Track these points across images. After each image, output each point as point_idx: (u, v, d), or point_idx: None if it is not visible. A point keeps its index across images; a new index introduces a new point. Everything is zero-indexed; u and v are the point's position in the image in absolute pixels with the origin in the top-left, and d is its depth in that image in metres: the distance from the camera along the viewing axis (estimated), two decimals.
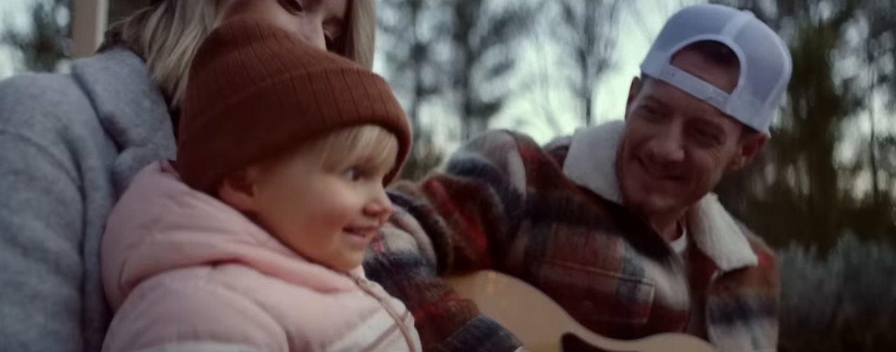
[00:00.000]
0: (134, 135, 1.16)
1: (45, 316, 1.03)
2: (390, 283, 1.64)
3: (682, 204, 1.94)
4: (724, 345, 1.95)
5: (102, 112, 1.15)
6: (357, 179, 1.07)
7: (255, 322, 0.94)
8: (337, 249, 1.07)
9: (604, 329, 1.84)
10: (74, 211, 1.08)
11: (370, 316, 1.08)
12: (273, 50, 1.06)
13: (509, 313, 1.80)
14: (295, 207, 1.04)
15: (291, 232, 1.05)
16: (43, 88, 1.11)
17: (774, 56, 1.83)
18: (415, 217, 1.78)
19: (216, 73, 1.06)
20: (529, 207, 1.87)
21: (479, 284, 1.85)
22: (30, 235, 1.04)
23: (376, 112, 1.05)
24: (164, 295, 0.95)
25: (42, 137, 1.08)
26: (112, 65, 1.22)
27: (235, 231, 1.02)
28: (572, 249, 1.86)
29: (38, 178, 1.06)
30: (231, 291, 0.95)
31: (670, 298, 1.89)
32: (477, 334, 1.62)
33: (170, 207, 1.02)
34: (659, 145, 1.82)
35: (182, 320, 0.92)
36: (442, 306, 1.64)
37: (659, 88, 1.83)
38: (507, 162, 1.89)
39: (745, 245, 2.09)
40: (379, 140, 1.06)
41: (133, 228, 1.03)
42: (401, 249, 1.69)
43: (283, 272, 1.02)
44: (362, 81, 1.06)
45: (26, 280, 1.03)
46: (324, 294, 1.04)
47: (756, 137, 1.91)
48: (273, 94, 1.02)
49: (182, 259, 0.99)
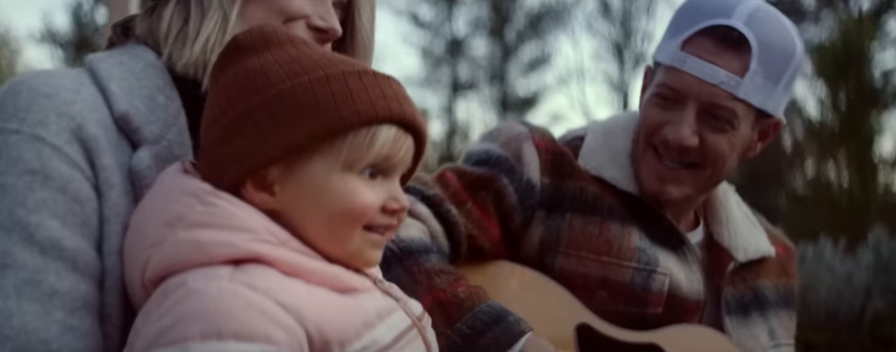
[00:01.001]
0: (147, 133, 1.18)
1: (64, 313, 1.06)
2: (400, 269, 1.66)
3: (698, 192, 1.93)
4: (740, 336, 1.94)
5: (117, 111, 1.17)
6: (375, 177, 1.10)
7: (277, 322, 0.97)
8: (357, 248, 1.11)
9: (619, 319, 1.84)
10: (90, 209, 1.11)
11: (388, 316, 1.10)
12: (291, 54, 1.10)
13: (523, 303, 1.80)
14: (316, 206, 1.08)
15: (313, 230, 1.09)
16: (57, 88, 1.14)
17: (786, 39, 1.82)
18: (427, 206, 1.79)
19: (236, 77, 1.10)
20: (543, 198, 1.88)
21: (492, 273, 1.85)
22: (47, 234, 1.07)
23: (393, 112, 1.08)
24: (188, 294, 0.98)
25: (57, 136, 1.10)
26: (126, 60, 1.24)
27: (257, 230, 1.05)
28: (586, 239, 1.86)
29: (54, 177, 1.09)
30: (253, 291, 0.98)
31: (685, 287, 1.89)
32: (485, 319, 1.64)
33: (193, 205, 1.05)
34: (673, 132, 1.82)
35: (205, 320, 0.95)
36: (451, 292, 1.66)
37: (671, 75, 1.83)
38: (522, 153, 1.90)
39: (763, 236, 2.08)
40: (396, 139, 1.09)
41: (157, 226, 1.06)
42: (411, 237, 1.71)
43: (304, 271, 1.05)
44: (379, 83, 1.09)
45: (44, 278, 1.06)
46: (343, 294, 1.07)
47: (771, 122, 1.90)
48: (292, 95, 1.06)
49: (204, 257, 1.02)
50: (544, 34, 29.47)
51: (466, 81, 29.58)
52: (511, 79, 29.52)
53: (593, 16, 29.15)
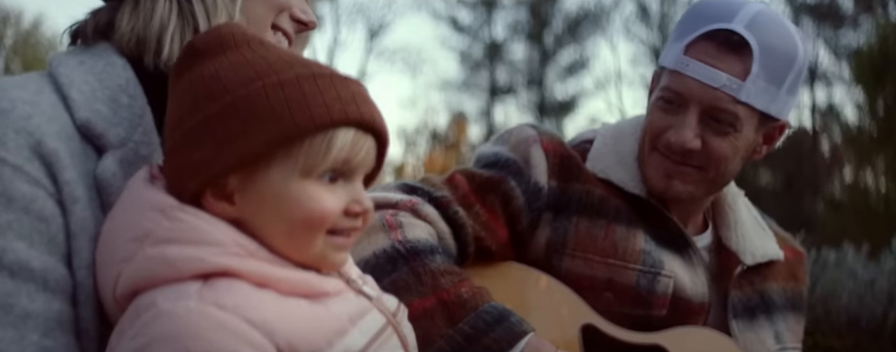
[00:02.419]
0: (112, 137, 1.17)
1: (38, 334, 1.05)
2: (406, 269, 1.69)
3: (703, 193, 1.95)
4: (746, 339, 1.95)
5: (78, 119, 1.15)
6: (336, 181, 1.09)
7: (246, 341, 0.97)
8: (321, 252, 1.09)
9: (624, 321, 1.87)
10: (56, 226, 1.09)
11: (360, 319, 1.10)
12: (246, 58, 1.09)
13: (529, 304, 1.83)
14: (276, 214, 1.07)
15: (274, 238, 1.08)
16: (13, 102, 1.11)
17: (788, 43, 1.84)
18: (434, 208, 1.82)
19: (192, 84, 1.09)
20: (550, 200, 1.91)
21: (499, 274, 1.88)
22: (14, 257, 1.05)
23: (350, 114, 1.07)
24: (158, 315, 0.98)
25: (16, 155, 1.08)
26: (87, 59, 1.22)
27: (224, 243, 1.04)
28: (592, 242, 1.89)
29: (17, 198, 1.07)
30: (222, 310, 0.98)
31: (690, 290, 1.91)
32: (488, 319, 1.66)
33: (160, 221, 1.05)
34: (676, 135, 1.85)
35: (176, 342, 0.96)
36: (454, 292, 1.68)
37: (674, 79, 1.86)
38: (530, 156, 1.92)
39: (771, 240, 2.09)
40: (354, 142, 1.08)
41: (126, 242, 1.05)
42: (418, 238, 1.74)
43: (273, 281, 1.05)
44: (335, 85, 1.08)
45: (16, 301, 1.05)
46: (314, 302, 1.07)
47: (776, 125, 1.92)
48: (247, 103, 1.05)
49: (174, 273, 1.02)
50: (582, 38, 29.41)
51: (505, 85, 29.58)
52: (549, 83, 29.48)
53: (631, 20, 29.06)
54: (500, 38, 29.70)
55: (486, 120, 29.28)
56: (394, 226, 1.74)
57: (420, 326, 1.60)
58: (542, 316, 1.79)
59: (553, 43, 29.39)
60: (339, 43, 27.69)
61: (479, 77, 29.90)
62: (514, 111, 29.65)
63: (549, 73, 29.43)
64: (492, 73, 29.57)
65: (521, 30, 29.48)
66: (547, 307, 1.85)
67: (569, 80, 29.97)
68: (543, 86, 29.16)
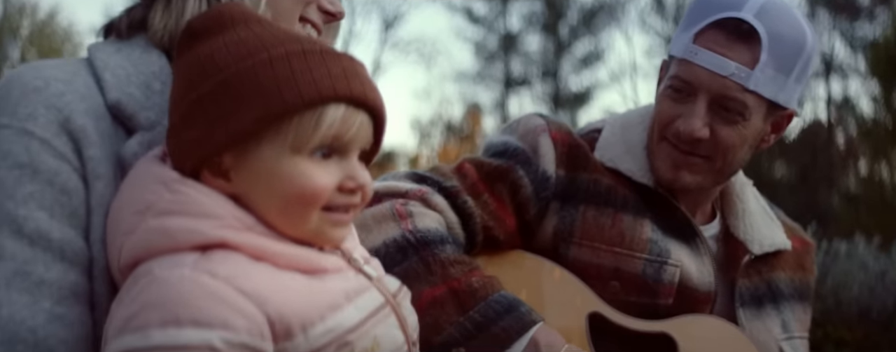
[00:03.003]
0: (142, 119, 1.20)
1: (51, 302, 1.09)
2: (416, 259, 1.70)
3: (711, 183, 1.96)
4: (753, 327, 1.97)
5: (110, 100, 1.19)
6: (329, 157, 1.09)
7: (235, 309, 0.99)
8: (317, 228, 1.10)
9: (631, 309, 1.88)
10: (77, 200, 1.13)
11: (357, 296, 1.11)
12: (240, 36, 1.09)
13: (537, 292, 1.85)
14: (269, 191, 1.08)
15: (269, 214, 1.09)
16: (47, 80, 1.16)
17: (797, 31, 1.84)
18: (444, 197, 1.83)
19: (188, 64, 1.11)
20: (558, 189, 1.92)
21: (507, 263, 1.90)
22: (34, 226, 1.10)
23: (339, 90, 1.07)
24: (151, 282, 1.01)
25: (45, 129, 1.13)
26: (124, 47, 1.27)
27: (223, 216, 1.06)
28: (599, 231, 1.90)
29: (42, 170, 1.11)
30: (213, 278, 1.00)
31: (696, 279, 1.92)
32: (498, 308, 1.68)
33: (162, 193, 1.07)
34: (685, 124, 1.85)
35: (165, 307, 0.98)
36: (465, 281, 1.70)
37: (683, 68, 1.86)
38: (538, 145, 1.94)
39: (779, 230, 2.10)
40: (345, 118, 1.08)
41: (129, 215, 1.08)
42: (428, 227, 1.75)
43: (269, 255, 1.06)
44: (325, 61, 1.09)
45: (33, 269, 1.09)
46: (310, 277, 1.08)
47: (784, 114, 1.93)
48: (237, 81, 1.06)
49: (172, 244, 1.04)
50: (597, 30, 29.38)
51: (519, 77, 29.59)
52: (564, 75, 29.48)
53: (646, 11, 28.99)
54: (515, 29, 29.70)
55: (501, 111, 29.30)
56: (404, 215, 1.75)
57: (430, 314, 1.62)
58: (550, 304, 1.81)
59: (568, 34, 29.37)
60: (353, 34, 27.65)
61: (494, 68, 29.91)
62: (529, 103, 29.65)
63: (564, 65, 29.42)
64: (506, 65, 29.57)
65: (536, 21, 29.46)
66: (554, 296, 1.86)
67: (584, 71, 29.97)
68: (558, 77, 29.15)
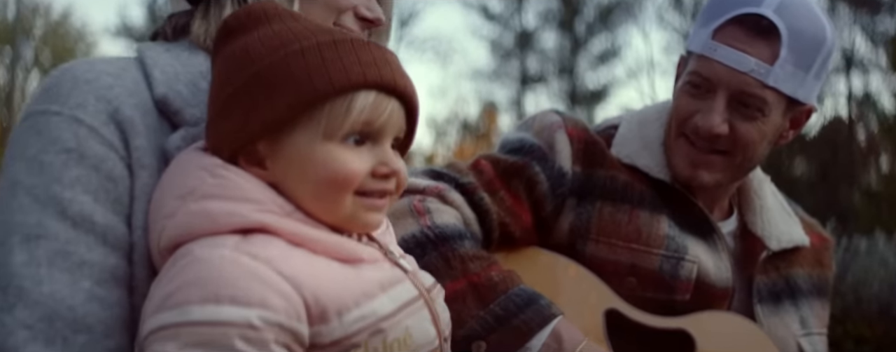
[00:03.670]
0: (188, 115, 1.25)
1: (91, 282, 1.13)
2: (435, 254, 1.71)
3: (729, 179, 1.96)
4: (771, 323, 1.96)
5: (157, 94, 1.24)
6: (362, 143, 1.12)
7: (274, 289, 1.01)
8: (351, 213, 1.13)
9: (648, 305, 1.88)
10: (122, 187, 1.18)
11: (391, 287, 1.13)
12: (274, 30, 1.13)
13: (554, 288, 1.85)
14: (303, 176, 1.11)
15: (304, 200, 1.12)
16: (98, 74, 1.22)
17: (816, 27, 1.84)
18: (461, 194, 1.84)
19: (224, 60, 1.15)
20: (574, 186, 1.92)
21: (524, 259, 1.90)
22: (79, 209, 1.14)
23: (368, 77, 1.10)
24: (192, 262, 1.03)
25: (94, 118, 1.18)
26: (173, 47, 1.33)
27: (263, 201, 1.09)
28: (616, 227, 1.90)
29: (89, 156, 1.16)
30: (253, 259, 1.02)
31: (713, 275, 1.92)
32: (518, 301, 1.68)
33: (205, 178, 1.10)
34: (703, 120, 1.85)
35: (205, 286, 1.00)
36: (484, 276, 1.71)
37: (702, 64, 1.86)
38: (554, 141, 1.94)
39: (797, 226, 2.09)
40: (376, 104, 1.11)
41: (171, 199, 1.11)
42: (446, 223, 1.76)
43: (308, 241, 1.08)
44: (355, 49, 1.12)
45: (75, 249, 1.13)
46: (346, 265, 1.10)
47: (803, 110, 1.92)
48: (270, 71, 1.09)
49: (213, 226, 1.06)
50: (614, 27, 29.36)
51: (535, 74, 29.60)
52: (580, 72, 29.47)
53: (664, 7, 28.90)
54: (531, 26, 29.70)
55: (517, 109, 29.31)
56: (422, 212, 1.76)
57: (451, 308, 1.62)
58: (567, 301, 1.81)
59: (584, 31, 29.34)
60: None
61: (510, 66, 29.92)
62: (545, 100, 29.65)
63: (581, 62, 29.40)
64: (522, 62, 29.58)
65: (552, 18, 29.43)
66: (571, 292, 1.86)
67: (600, 68, 29.94)
68: (574, 75, 29.13)
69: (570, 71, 29.09)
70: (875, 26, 21.18)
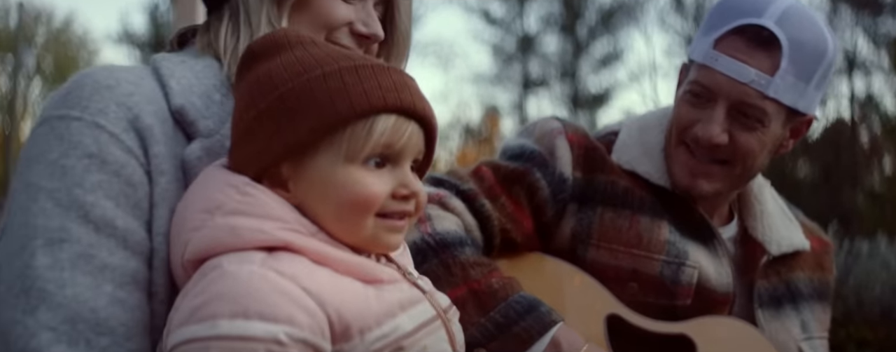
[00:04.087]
0: (202, 126, 1.27)
1: (113, 286, 1.15)
2: (436, 261, 1.72)
3: (729, 188, 1.97)
4: (772, 328, 1.97)
5: (174, 105, 1.26)
6: (383, 166, 1.15)
7: (300, 306, 1.03)
8: (372, 234, 1.15)
9: (649, 310, 1.89)
10: (142, 193, 1.20)
11: (411, 307, 1.15)
12: (296, 56, 1.16)
13: (556, 294, 1.86)
14: (325, 198, 1.14)
15: (327, 221, 1.14)
16: (118, 80, 1.24)
17: (818, 38, 1.85)
18: (461, 200, 1.85)
19: (248, 84, 1.17)
20: (575, 192, 1.93)
21: (526, 265, 1.91)
22: (101, 213, 1.17)
23: (389, 101, 1.13)
24: (222, 276, 1.05)
25: (114, 124, 1.20)
26: (188, 59, 1.35)
27: (288, 220, 1.12)
28: (617, 232, 1.91)
29: (110, 162, 1.19)
30: (281, 276, 1.05)
31: (714, 280, 1.93)
32: (519, 308, 1.70)
33: (232, 194, 1.13)
34: (703, 129, 1.86)
35: (235, 300, 1.02)
36: (485, 283, 1.72)
37: (703, 73, 1.87)
38: (555, 147, 1.95)
39: (798, 230, 2.10)
40: (396, 128, 1.14)
41: (197, 213, 1.13)
42: (446, 230, 1.77)
43: (331, 261, 1.11)
44: (376, 74, 1.14)
45: (97, 253, 1.15)
46: (367, 285, 1.12)
47: (803, 120, 1.93)
48: (292, 95, 1.13)
49: (239, 242, 1.09)
50: (616, 30, 29.38)
51: (537, 78, 29.62)
52: (582, 75, 29.49)
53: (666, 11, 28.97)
54: (533, 30, 29.73)
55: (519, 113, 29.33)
56: (422, 219, 1.77)
57: None
58: (569, 306, 1.82)
59: (586, 35, 29.36)
60: None
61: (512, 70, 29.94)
62: (548, 104, 29.66)
63: (583, 66, 29.41)
64: (524, 66, 29.60)
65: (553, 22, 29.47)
66: (573, 297, 1.87)
67: (602, 72, 29.96)
68: (577, 78, 29.14)
69: (573, 74, 29.11)
70: (877, 28, 21.18)
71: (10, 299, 1.13)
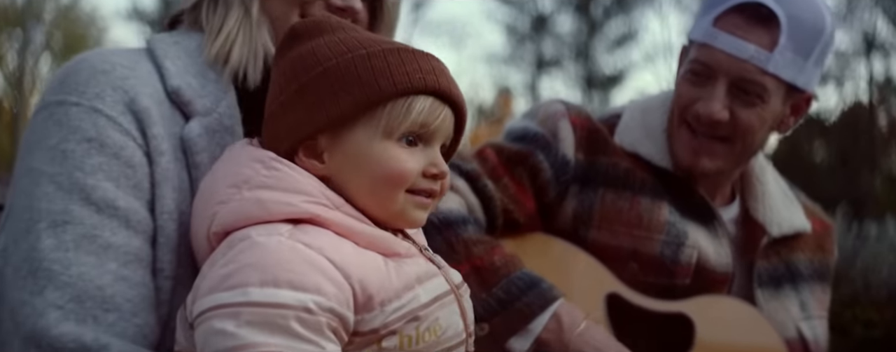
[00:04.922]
0: (199, 106, 1.31)
1: (117, 264, 1.20)
2: (439, 239, 1.76)
3: (731, 166, 2.00)
4: (771, 307, 2.00)
5: (170, 86, 1.30)
6: (415, 145, 1.19)
7: (327, 277, 1.07)
8: (401, 209, 1.20)
9: (649, 290, 1.92)
10: (141, 173, 1.24)
11: (427, 280, 1.19)
12: (339, 38, 1.21)
13: (557, 273, 1.89)
14: (360, 171, 1.18)
15: (358, 194, 1.18)
16: (113, 65, 1.28)
17: (816, 15, 1.87)
18: (465, 180, 1.89)
19: (291, 60, 1.22)
20: (577, 173, 1.97)
21: (528, 245, 1.94)
22: (102, 195, 1.21)
23: (428, 83, 1.18)
24: (251, 246, 1.09)
25: (112, 108, 1.24)
26: (181, 40, 1.38)
27: (314, 194, 1.15)
28: (618, 213, 1.95)
29: (109, 145, 1.23)
30: (308, 247, 1.09)
31: (713, 260, 1.96)
32: (520, 284, 1.74)
33: (258, 169, 1.17)
34: (704, 107, 1.89)
35: (265, 269, 1.06)
36: (487, 260, 1.76)
37: (703, 51, 1.90)
38: (558, 129, 1.98)
39: (799, 212, 2.13)
40: (432, 109, 1.19)
41: (225, 187, 1.17)
42: (449, 209, 1.81)
43: (354, 234, 1.15)
44: (416, 58, 1.20)
45: (100, 233, 1.20)
46: (387, 258, 1.17)
47: (803, 97, 1.95)
48: (337, 71, 1.17)
49: (266, 215, 1.13)
50: (631, 10, 29.17)
51: (551, 59, 29.47)
52: (596, 56, 29.32)
53: None
54: (547, 10, 29.56)
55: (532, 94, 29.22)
56: None
57: None
58: (570, 285, 1.85)
59: (601, 15, 29.19)
60: None
61: (525, 50, 29.81)
62: (561, 85, 29.54)
63: (597, 46, 29.25)
64: (538, 47, 29.45)
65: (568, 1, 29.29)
66: (574, 276, 1.91)
67: (617, 52, 29.78)
68: (591, 59, 29.00)
69: (587, 55, 28.98)
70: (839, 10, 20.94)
71: (18, 281, 1.17)
